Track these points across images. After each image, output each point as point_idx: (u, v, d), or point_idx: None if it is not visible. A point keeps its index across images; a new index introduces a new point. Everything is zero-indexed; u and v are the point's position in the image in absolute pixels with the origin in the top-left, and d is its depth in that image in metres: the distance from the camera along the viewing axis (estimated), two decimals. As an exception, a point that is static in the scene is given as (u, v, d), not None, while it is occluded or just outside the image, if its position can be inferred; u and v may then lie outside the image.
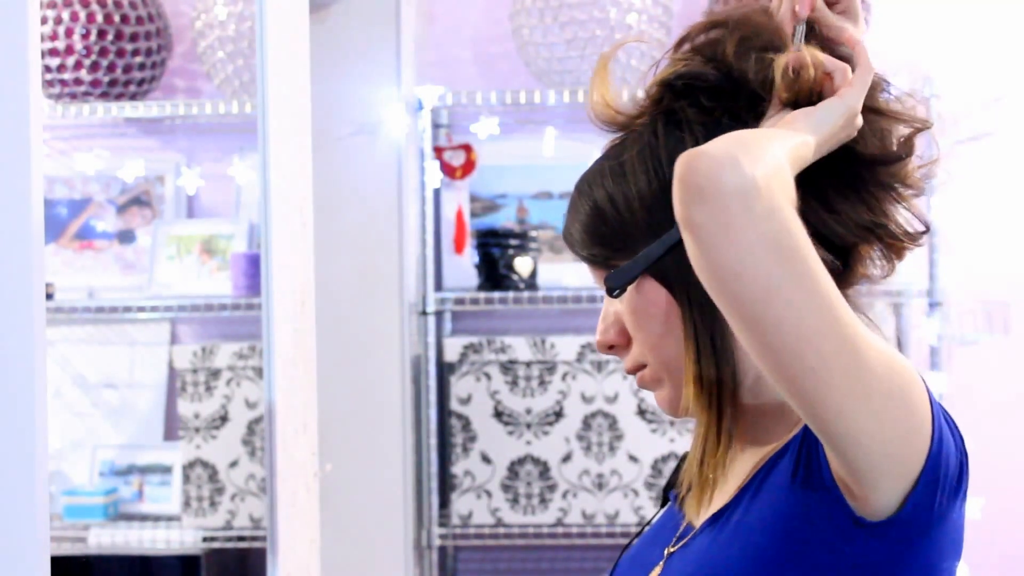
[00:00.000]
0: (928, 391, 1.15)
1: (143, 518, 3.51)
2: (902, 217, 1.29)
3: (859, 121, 1.22)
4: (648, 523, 1.41)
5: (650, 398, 3.38)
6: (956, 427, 1.19)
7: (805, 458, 1.18)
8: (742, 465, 1.29)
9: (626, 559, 1.38)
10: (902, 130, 1.28)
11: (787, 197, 1.07)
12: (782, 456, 1.22)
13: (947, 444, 1.15)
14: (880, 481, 1.12)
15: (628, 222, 1.27)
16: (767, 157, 1.08)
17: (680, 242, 1.13)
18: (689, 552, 1.26)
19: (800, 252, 1.06)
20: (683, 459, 1.37)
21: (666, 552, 1.30)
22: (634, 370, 1.30)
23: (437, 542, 3.45)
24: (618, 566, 1.38)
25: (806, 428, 1.19)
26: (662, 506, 1.41)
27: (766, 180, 1.06)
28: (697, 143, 1.21)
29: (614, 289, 1.26)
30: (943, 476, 1.14)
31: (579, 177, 1.33)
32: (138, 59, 3.47)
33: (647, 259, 1.24)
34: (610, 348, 1.31)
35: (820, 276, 1.07)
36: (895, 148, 1.26)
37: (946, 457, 1.15)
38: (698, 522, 1.29)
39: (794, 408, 1.12)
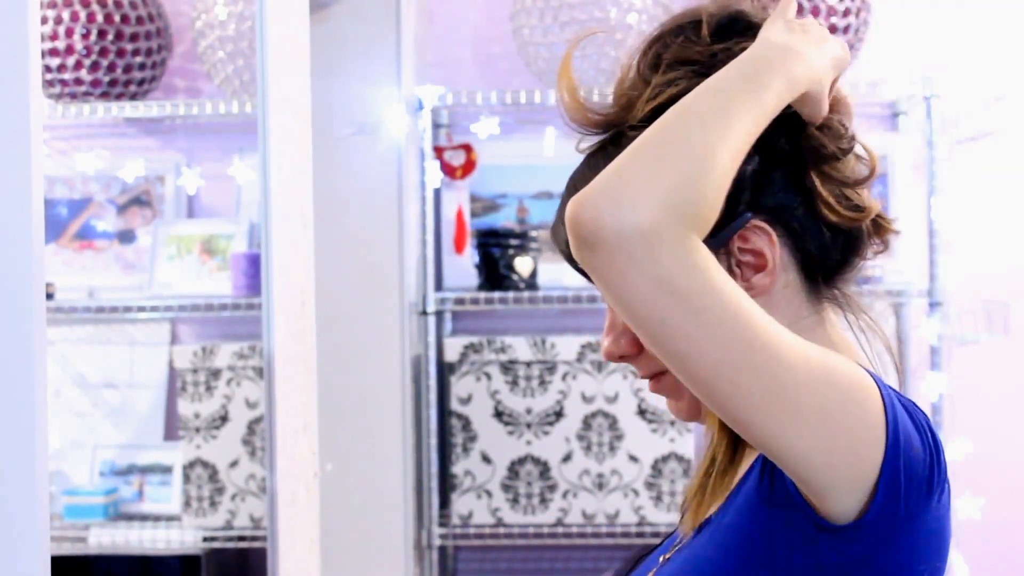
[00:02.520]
0: (883, 394, 1.13)
1: (143, 518, 3.51)
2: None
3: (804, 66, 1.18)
4: (667, 536, 1.41)
5: (651, 398, 3.38)
6: (925, 425, 1.16)
7: (769, 466, 1.16)
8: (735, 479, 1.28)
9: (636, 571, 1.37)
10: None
11: (684, 223, 1.05)
12: (754, 467, 1.21)
13: (908, 446, 1.13)
14: (833, 492, 1.11)
15: None
16: (660, 182, 1.06)
17: None
18: (679, 556, 1.26)
19: (696, 289, 1.05)
20: None
21: (661, 559, 1.29)
22: (651, 376, 1.29)
23: (437, 542, 3.45)
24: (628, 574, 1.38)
25: None
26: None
27: (652, 218, 1.04)
28: None
29: None
30: (906, 479, 1.12)
31: (568, 178, 1.32)
32: (138, 59, 3.47)
33: None
34: (621, 358, 1.29)
35: (724, 306, 1.06)
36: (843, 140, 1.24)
37: (908, 459, 1.12)
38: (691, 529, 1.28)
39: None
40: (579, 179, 1.29)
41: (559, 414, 3.43)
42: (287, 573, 2.36)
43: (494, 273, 3.47)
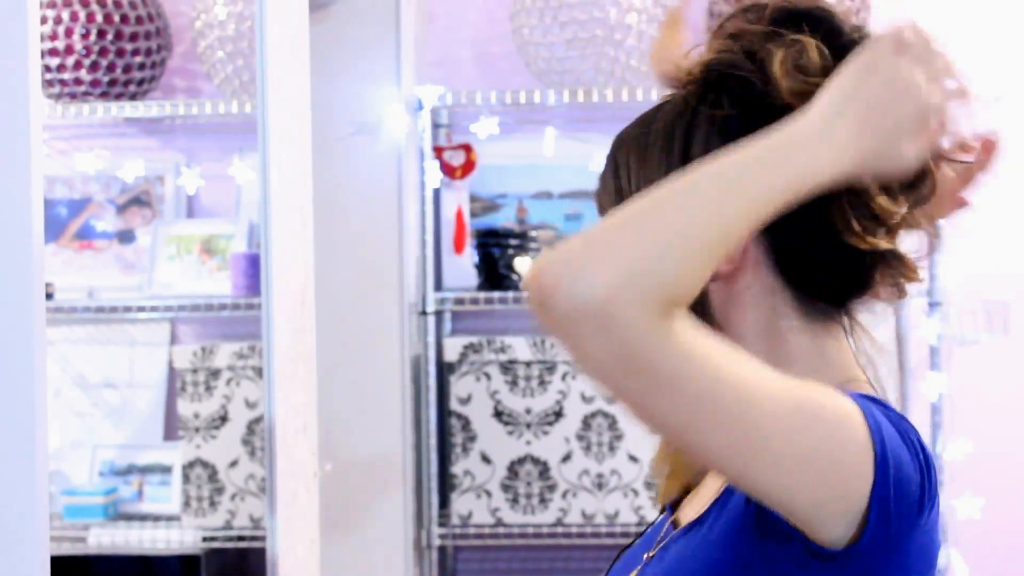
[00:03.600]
0: (868, 421, 1.10)
1: (143, 518, 3.51)
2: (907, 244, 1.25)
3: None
4: (649, 526, 1.40)
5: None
6: (916, 443, 1.14)
7: None
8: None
9: (619, 563, 1.37)
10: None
11: (647, 301, 1.01)
12: None
13: (897, 470, 1.11)
14: (824, 524, 1.10)
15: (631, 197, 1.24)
16: (623, 257, 1.02)
17: None
18: (662, 559, 1.26)
19: (658, 366, 1.02)
20: None
21: (645, 556, 1.29)
22: None
23: (437, 542, 3.45)
24: (612, 570, 1.38)
25: None
26: (661, 512, 1.40)
27: (608, 296, 1.01)
28: (707, 146, 1.20)
29: None
30: (896, 503, 1.11)
31: (617, 134, 1.29)
32: (138, 59, 3.47)
33: None
34: None
35: (690, 378, 1.03)
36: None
37: (897, 483, 1.10)
38: (678, 526, 1.28)
39: None
40: (627, 138, 1.27)
41: (559, 414, 3.43)
42: (287, 573, 2.36)
43: (494, 273, 3.47)
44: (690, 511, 1.28)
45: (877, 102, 1.10)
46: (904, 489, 1.11)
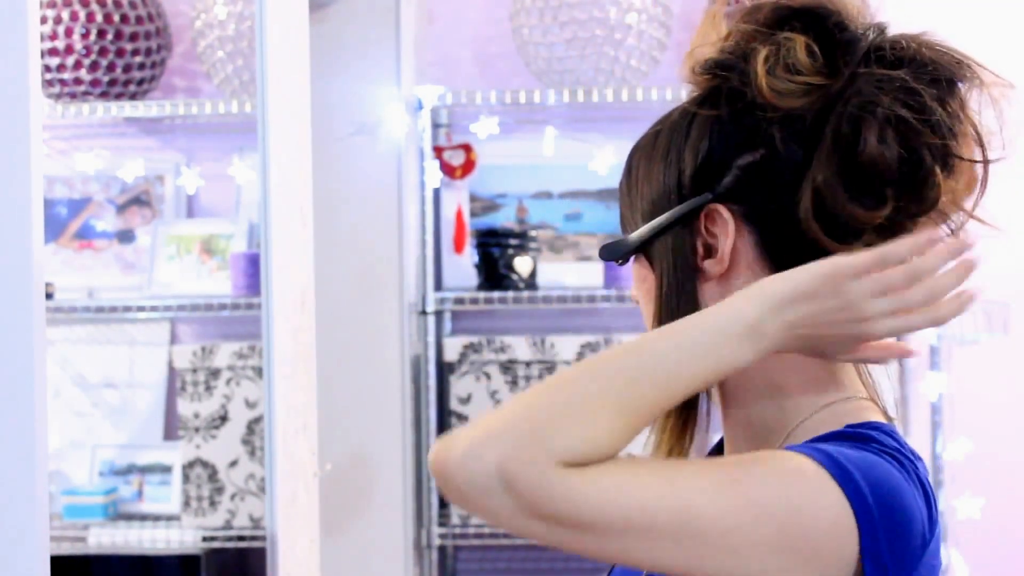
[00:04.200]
0: (836, 475, 1.08)
1: (143, 518, 3.51)
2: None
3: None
4: None
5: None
6: (915, 478, 1.13)
7: None
8: None
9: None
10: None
11: (547, 458, 1.03)
12: None
13: (889, 518, 1.09)
14: None
15: (637, 199, 1.26)
16: (517, 418, 1.04)
17: (667, 228, 1.17)
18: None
19: (574, 513, 1.04)
20: None
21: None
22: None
23: (437, 542, 3.45)
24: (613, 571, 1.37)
25: None
26: None
27: (499, 460, 1.03)
28: (709, 146, 1.21)
29: (604, 257, 1.28)
30: (891, 554, 1.09)
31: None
32: (138, 59, 3.47)
33: (633, 242, 1.24)
34: (637, 302, 1.32)
35: (610, 514, 1.04)
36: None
37: (891, 532, 1.09)
38: None
39: None
40: (647, 135, 1.28)
41: (559, 414, 3.42)
42: (287, 573, 2.36)
43: (493, 273, 3.47)
44: None
45: (819, 321, 1.10)
46: (900, 531, 1.09)
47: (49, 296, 3.50)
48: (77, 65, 3.43)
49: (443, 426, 3.48)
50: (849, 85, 1.18)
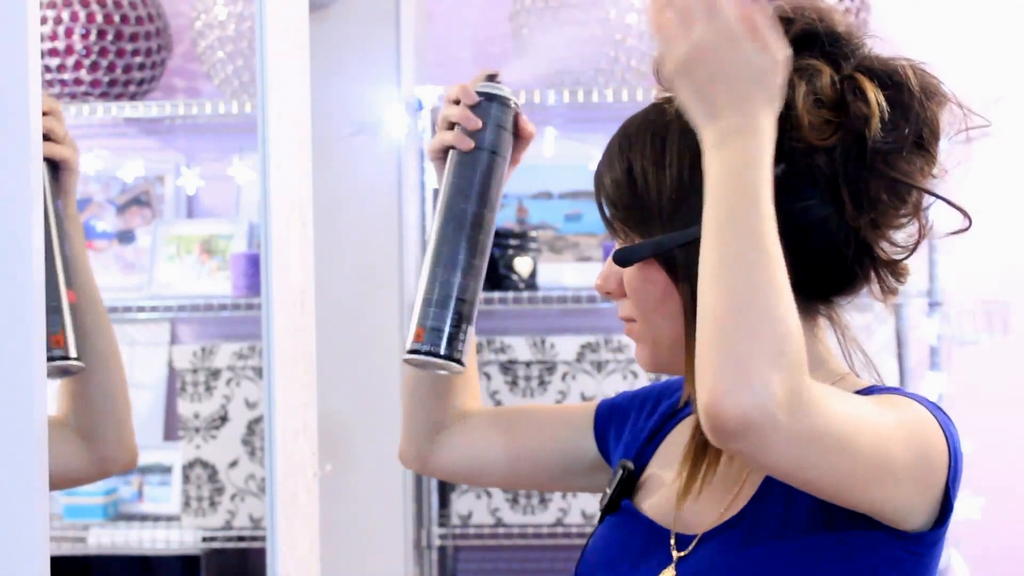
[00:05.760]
0: (937, 417, 1.22)
1: (143, 518, 3.51)
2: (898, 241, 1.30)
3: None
4: (591, 535, 1.40)
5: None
6: (953, 425, 1.25)
7: None
8: (739, 472, 1.29)
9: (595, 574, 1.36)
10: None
11: (800, 374, 1.09)
12: None
13: (959, 456, 1.23)
14: (912, 519, 1.21)
15: (654, 203, 1.27)
16: (771, 351, 1.08)
17: (695, 241, 1.16)
18: (705, 558, 1.27)
19: (822, 429, 1.11)
20: (624, 469, 1.38)
21: (676, 556, 1.29)
22: (624, 319, 1.34)
23: (437, 542, 3.45)
24: None
25: None
26: (607, 514, 1.40)
27: (784, 390, 1.08)
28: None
29: (622, 262, 1.29)
30: (957, 488, 1.23)
31: (628, 120, 1.33)
32: (138, 59, 3.47)
33: (659, 247, 1.26)
34: (607, 294, 1.34)
35: (842, 431, 1.12)
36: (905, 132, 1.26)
37: (958, 474, 1.23)
38: (700, 528, 1.28)
39: None
40: (640, 130, 1.30)
41: (559, 414, 3.42)
42: (287, 573, 2.36)
43: (493, 273, 3.47)
44: (700, 513, 1.30)
45: (715, 71, 1.14)
46: (960, 469, 1.24)
47: (49, 296, 3.50)
48: (77, 65, 3.44)
49: (443, 426, 3.48)
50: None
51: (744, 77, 1.13)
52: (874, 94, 1.23)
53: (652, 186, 1.27)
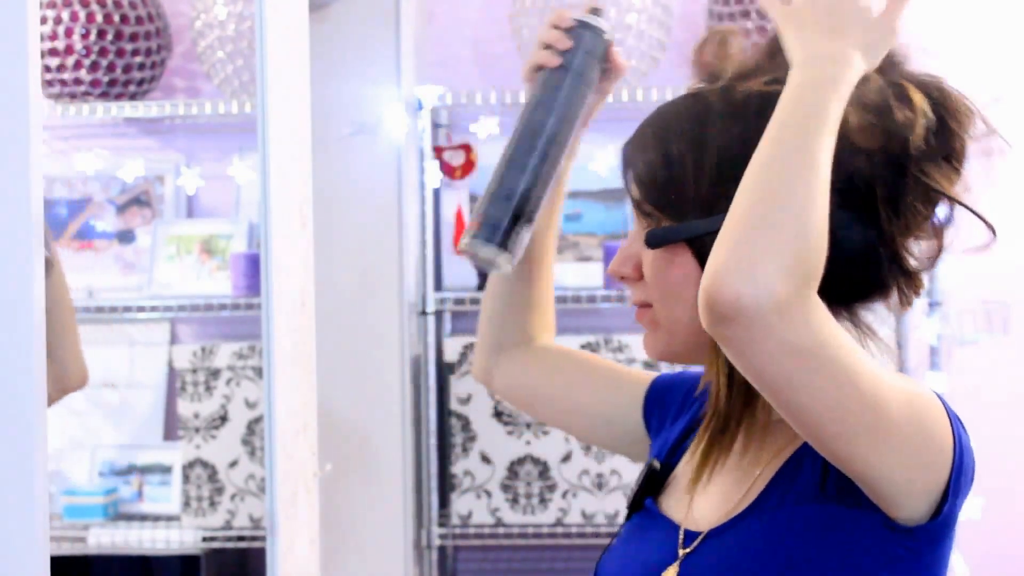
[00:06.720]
0: (944, 406, 1.21)
1: (143, 518, 3.51)
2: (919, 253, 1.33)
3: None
4: (614, 537, 1.41)
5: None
6: (964, 427, 1.24)
7: (834, 471, 1.22)
8: (748, 472, 1.29)
9: (613, 572, 1.36)
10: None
11: (808, 283, 1.10)
12: (800, 462, 1.25)
13: (967, 453, 1.22)
14: (909, 503, 1.19)
15: (690, 188, 1.28)
16: (784, 248, 1.09)
17: None
18: (708, 556, 1.27)
19: (817, 347, 1.11)
20: (650, 468, 1.39)
21: (681, 554, 1.29)
22: (638, 304, 1.34)
23: (437, 542, 3.45)
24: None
25: None
26: (633, 512, 1.40)
27: (786, 288, 1.08)
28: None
29: (654, 243, 1.29)
30: (964, 483, 1.22)
31: (662, 106, 1.34)
32: (138, 59, 3.47)
33: (691, 231, 1.27)
34: (621, 278, 1.35)
35: (837, 359, 1.12)
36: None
37: (967, 466, 1.21)
38: (707, 526, 1.29)
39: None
40: (680, 114, 1.31)
41: (559, 414, 3.42)
42: (287, 573, 2.36)
43: (494, 273, 3.47)
44: (708, 511, 1.30)
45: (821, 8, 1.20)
46: (969, 472, 1.22)
47: (49, 296, 3.50)
48: (77, 65, 3.43)
49: (443, 426, 3.48)
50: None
51: (858, 18, 1.20)
52: (920, 102, 1.26)
53: (689, 170, 1.27)
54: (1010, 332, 3.44)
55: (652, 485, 1.39)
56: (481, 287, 3.49)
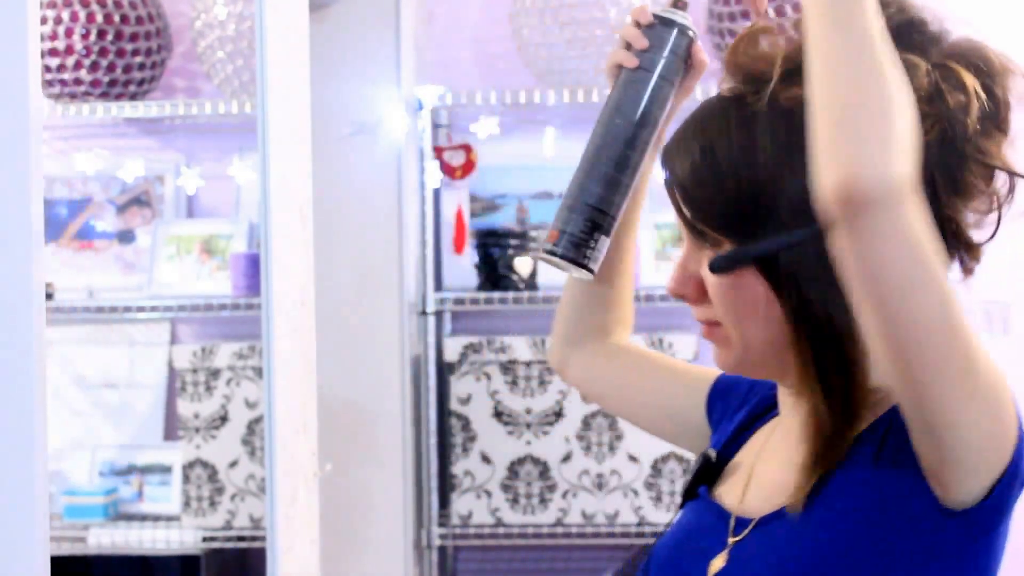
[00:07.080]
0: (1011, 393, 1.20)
1: (143, 518, 3.51)
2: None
3: None
4: (667, 526, 1.41)
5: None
6: None
7: (893, 442, 1.20)
8: (797, 460, 1.28)
9: (664, 557, 1.36)
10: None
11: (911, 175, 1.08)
12: (854, 455, 1.23)
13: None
14: (972, 471, 1.16)
15: (746, 204, 1.24)
16: (896, 128, 1.06)
17: (799, 244, 1.17)
18: (757, 543, 1.27)
19: (927, 245, 1.09)
20: (705, 458, 1.39)
21: (730, 541, 1.29)
22: (705, 323, 1.31)
23: (437, 542, 3.45)
24: (653, 563, 1.37)
25: (889, 416, 1.22)
26: (687, 500, 1.40)
27: (907, 165, 1.06)
28: None
29: (720, 271, 1.25)
30: (1020, 474, 1.19)
31: (700, 114, 1.29)
32: (138, 59, 3.47)
33: (761, 251, 1.23)
34: (682, 297, 1.31)
35: (946, 283, 1.10)
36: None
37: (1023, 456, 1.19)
38: (758, 514, 1.29)
39: (904, 400, 1.15)
40: (720, 123, 1.27)
41: (559, 414, 3.43)
42: (287, 573, 2.36)
43: (494, 273, 3.47)
44: (761, 500, 1.30)
45: None
46: None
47: (49, 296, 3.51)
48: (77, 65, 3.44)
49: (443, 426, 3.48)
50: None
51: None
52: (972, 83, 1.23)
53: (745, 187, 1.24)
54: (1010, 332, 3.44)
55: (707, 475, 1.39)
56: (481, 287, 3.49)
